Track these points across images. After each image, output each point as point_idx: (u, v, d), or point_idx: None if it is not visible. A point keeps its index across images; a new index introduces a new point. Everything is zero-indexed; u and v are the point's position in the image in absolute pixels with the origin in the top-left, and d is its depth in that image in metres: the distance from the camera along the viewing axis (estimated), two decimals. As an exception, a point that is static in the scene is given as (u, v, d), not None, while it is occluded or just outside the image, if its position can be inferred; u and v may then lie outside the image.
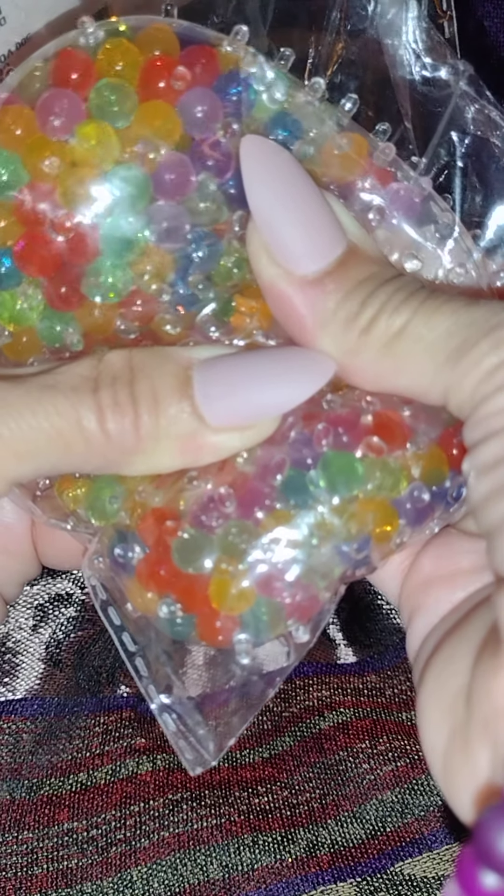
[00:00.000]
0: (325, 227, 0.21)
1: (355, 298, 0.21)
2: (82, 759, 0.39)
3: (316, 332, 0.21)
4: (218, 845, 0.37)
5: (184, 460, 0.22)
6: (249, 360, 0.22)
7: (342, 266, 0.21)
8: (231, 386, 0.21)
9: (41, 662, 0.40)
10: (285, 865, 0.36)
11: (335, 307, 0.21)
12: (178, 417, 0.21)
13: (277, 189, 0.21)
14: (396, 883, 0.36)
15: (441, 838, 0.38)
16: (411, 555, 0.25)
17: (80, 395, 0.20)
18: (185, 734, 0.24)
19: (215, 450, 0.22)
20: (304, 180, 0.22)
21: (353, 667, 0.43)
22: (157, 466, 0.22)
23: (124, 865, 0.36)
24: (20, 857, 0.36)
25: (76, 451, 0.21)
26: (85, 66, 0.21)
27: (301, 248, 0.21)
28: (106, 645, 0.41)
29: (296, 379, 0.21)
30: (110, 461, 0.21)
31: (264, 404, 0.21)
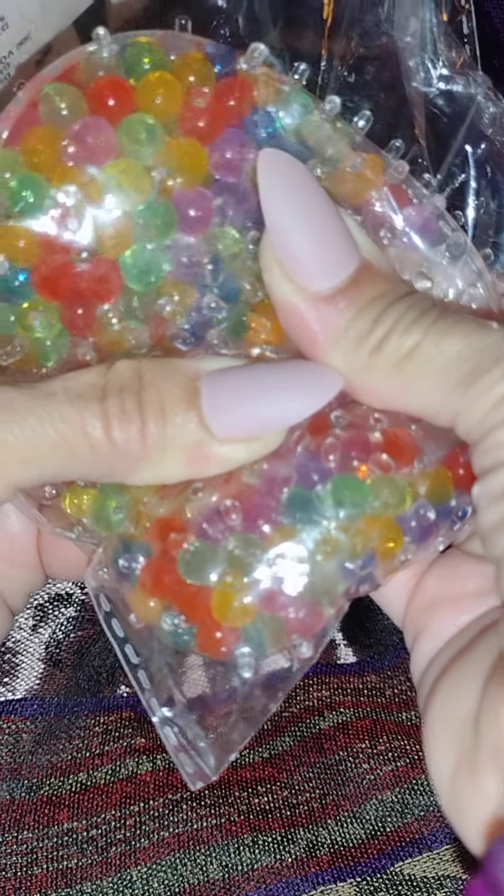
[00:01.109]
0: (340, 244, 0.21)
1: (367, 316, 0.21)
2: (82, 759, 0.39)
3: (327, 349, 0.21)
4: (218, 845, 0.37)
5: (189, 471, 0.22)
6: (257, 372, 0.22)
7: (355, 283, 0.21)
8: (238, 397, 0.21)
9: (41, 662, 0.40)
10: (285, 865, 0.36)
11: (347, 324, 0.21)
12: (184, 427, 0.21)
13: (293, 204, 0.21)
14: (396, 883, 0.37)
15: (441, 838, 0.38)
16: (416, 575, 0.25)
17: (87, 403, 0.20)
18: (185, 748, 0.24)
19: (221, 461, 0.22)
20: (319, 196, 0.22)
21: (353, 667, 0.43)
22: (162, 476, 0.22)
23: (124, 865, 0.36)
24: (20, 856, 0.36)
25: (81, 459, 0.21)
26: (124, 95, 0.22)
27: (315, 265, 0.21)
28: (106, 645, 0.41)
29: (304, 392, 0.21)
30: (115, 469, 0.21)
31: (271, 417, 0.21)
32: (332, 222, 0.21)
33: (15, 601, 0.27)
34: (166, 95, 0.22)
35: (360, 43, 0.25)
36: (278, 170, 0.21)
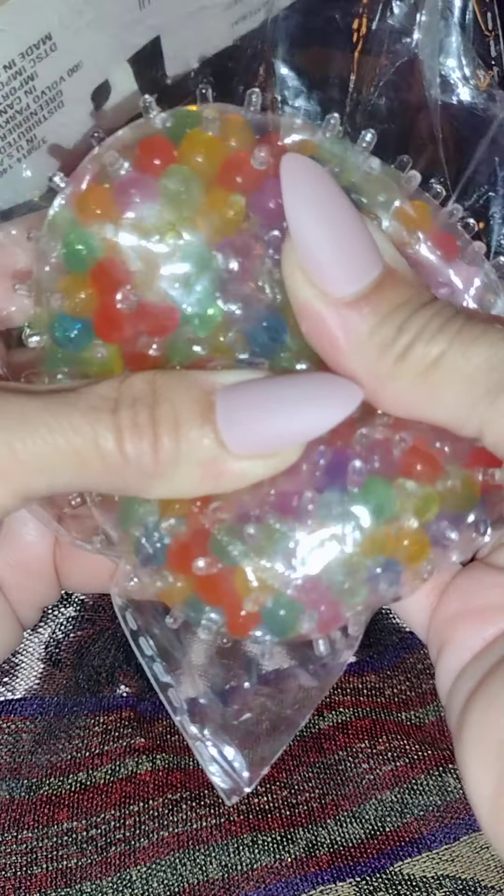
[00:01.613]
0: (363, 249, 0.21)
1: (392, 323, 0.21)
2: (82, 759, 0.39)
3: (349, 356, 0.21)
4: (217, 845, 0.37)
5: (204, 487, 0.21)
6: (274, 385, 0.21)
7: (378, 289, 0.21)
8: (254, 412, 0.21)
9: (40, 662, 0.40)
10: (285, 865, 0.36)
11: (370, 331, 0.21)
12: (199, 443, 0.20)
13: (317, 209, 0.21)
14: (396, 883, 0.37)
15: (440, 838, 0.38)
16: (439, 587, 0.25)
17: (99, 414, 0.20)
18: (219, 763, 0.25)
19: (237, 477, 0.21)
20: (342, 200, 0.21)
21: (353, 667, 0.43)
22: (176, 491, 0.21)
23: (124, 865, 0.36)
24: (20, 856, 0.36)
25: (92, 471, 0.20)
26: (167, 153, 0.22)
27: (338, 270, 0.21)
28: (105, 644, 0.41)
29: (322, 406, 0.21)
30: (129, 483, 0.21)
31: (288, 432, 0.21)
32: (356, 227, 0.21)
33: (27, 614, 0.26)
34: (207, 153, 0.22)
35: (388, 64, 0.25)
36: (301, 174, 0.21)
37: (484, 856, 0.38)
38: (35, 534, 0.26)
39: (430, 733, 0.41)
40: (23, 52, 0.25)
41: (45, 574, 0.26)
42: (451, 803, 0.39)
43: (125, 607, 0.24)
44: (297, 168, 0.21)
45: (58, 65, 0.27)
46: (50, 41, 0.26)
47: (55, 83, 0.27)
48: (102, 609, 0.41)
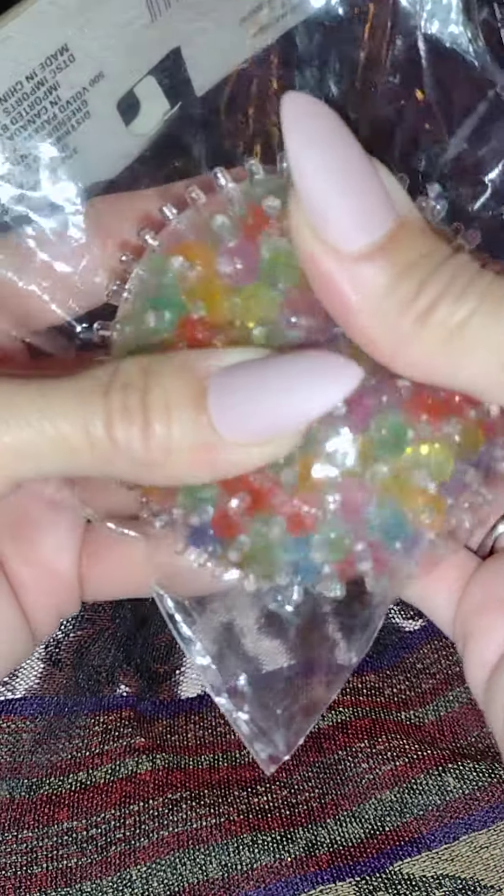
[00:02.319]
0: (375, 198, 0.19)
1: (412, 278, 0.19)
2: (82, 759, 0.39)
3: (363, 316, 0.19)
4: (217, 844, 0.37)
5: (198, 474, 0.20)
6: (268, 367, 0.20)
7: (393, 241, 0.19)
8: (247, 396, 0.19)
9: (40, 662, 0.40)
10: (284, 865, 0.37)
11: (388, 286, 0.19)
12: (190, 429, 0.19)
13: (323, 154, 0.19)
14: (395, 882, 0.37)
15: (440, 838, 0.38)
16: (462, 580, 0.24)
17: (90, 399, 0.19)
18: (257, 734, 0.25)
19: (231, 465, 0.20)
20: (351, 144, 0.19)
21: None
22: (169, 478, 0.20)
23: (124, 864, 0.36)
24: (20, 856, 0.36)
25: (82, 457, 0.20)
26: (265, 223, 0.22)
27: (348, 220, 0.19)
28: (105, 644, 0.41)
29: (317, 388, 0.19)
30: (119, 470, 0.20)
31: (282, 417, 0.19)
32: (366, 174, 0.19)
33: (43, 621, 0.26)
34: None
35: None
36: (304, 117, 0.19)
37: (483, 855, 0.38)
38: (62, 535, 0.25)
39: (429, 733, 0.41)
40: (42, 63, 0.25)
41: (68, 579, 0.26)
42: (451, 803, 0.39)
43: (163, 593, 0.24)
44: (299, 108, 0.19)
45: (78, 75, 0.27)
46: (67, 52, 0.26)
47: (79, 94, 0.27)
48: (102, 609, 0.41)
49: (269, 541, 0.22)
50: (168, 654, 0.42)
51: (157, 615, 0.43)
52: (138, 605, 0.42)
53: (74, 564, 0.26)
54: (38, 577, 0.26)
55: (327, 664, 0.26)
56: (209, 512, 0.22)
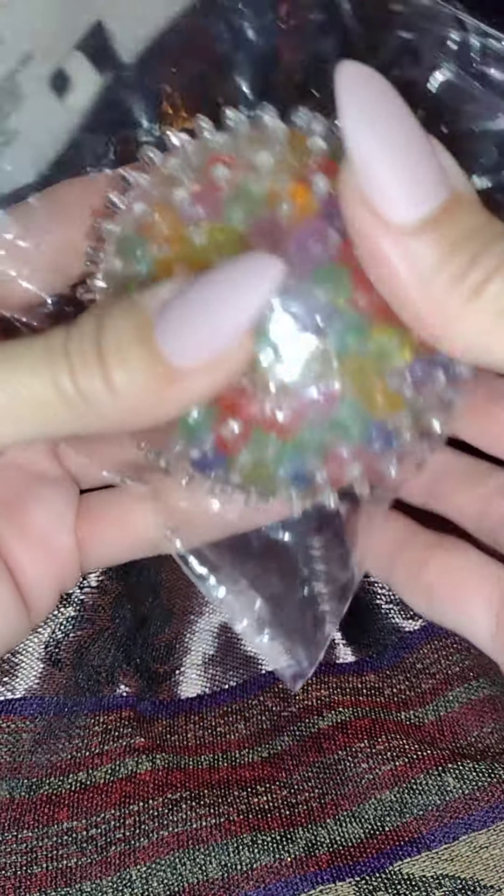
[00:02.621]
0: (429, 171, 0.19)
1: (464, 253, 0.18)
2: (81, 759, 0.39)
3: (412, 290, 0.19)
4: (217, 845, 0.37)
5: (164, 409, 0.20)
6: (197, 284, 0.20)
7: (446, 213, 0.19)
8: (186, 318, 0.19)
9: (40, 662, 0.40)
10: (284, 865, 0.37)
11: (439, 260, 0.18)
12: (145, 365, 0.19)
13: (377, 123, 0.19)
14: (395, 882, 0.37)
15: (440, 838, 0.38)
16: (499, 603, 0.25)
17: (54, 357, 0.19)
18: (281, 655, 0.27)
19: (191, 393, 0.20)
20: (407, 116, 0.19)
21: (352, 666, 0.43)
22: (138, 418, 0.20)
23: (123, 864, 0.36)
24: (19, 856, 0.36)
25: (58, 415, 0.20)
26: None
27: (401, 191, 0.18)
28: (105, 644, 0.41)
29: (244, 288, 0.19)
30: (97, 421, 0.20)
31: (221, 326, 0.19)
32: (421, 146, 0.19)
33: (43, 596, 0.26)
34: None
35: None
36: (359, 84, 0.19)
37: (483, 855, 0.38)
38: (56, 507, 0.26)
39: (429, 733, 0.41)
40: None
41: (66, 550, 0.26)
42: (451, 803, 0.39)
43: (173, 533, 0.25)
44: (354, 77, 0.19)
45: (8, 58, 0.27)
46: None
47: (10, 76, 0.28)
48: (102, 609, 0.41)
49: (266, 454, 0.23)
50: (168, 654, 0.42)
51: (157, 615, 0.43)
52: (138, 604, 0.42)
53: (71, 535, 0.26)
54: (35, 552, 0.26)
55: (333, 578, 0.28)
56: (208, 439, 0.23)
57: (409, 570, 0.28)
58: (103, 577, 0.42)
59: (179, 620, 0.43)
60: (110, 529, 0.27)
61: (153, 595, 0.43)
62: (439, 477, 0.28)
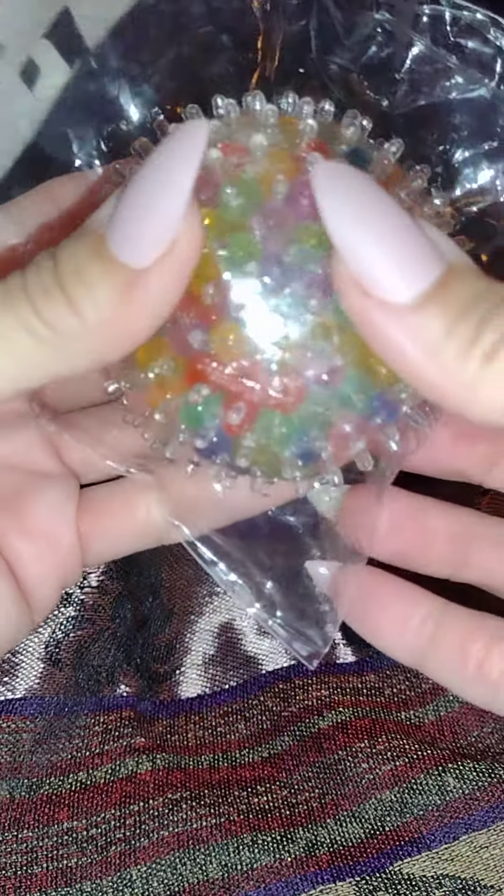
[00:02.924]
0: (419, 249, 0.19)
1: (469, 320, 0.18)
2: (82, 759, 0.39)
3: (422, 363, 0.19)
4: (217, 845, 0.37)
5: (137, 319, 0.20)
6: (133, 182, 0.20)
7: (444, 286, 0.19)
8: (133, 217, 0.19)
9: (41, 662, 0.40)
10: (284, 865, 0.37)
11: (445, 332, 0.18)
12: (105, 277, 0.19)
13: (358, 216, 0.19)
14: (395, 882, 0.37)
15: (440, 838, 0.38)
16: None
17: (14, 300, 0.19)
18: (294, 636, 0.27)
19: (162, 292, 0.20)
20: (386, 202, 0.19)
21: (352, 666, 0.43)
22: (119, 339, 0.20)
23: (124, 864, 0.36)
24: (20, 855, 0.36)
25: (34, 355, 0.20)
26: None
27: (394, 274, 0.19)
28: (105, 644, 0.41)
29: (173, 158, 0.19)
30: (75, 354, 0.20)
31: (164, 207, 0.19)
32: (406, 227, 0.19)
33: (45, 594, 0.26)
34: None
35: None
36: (335, 183, 0.19)
37: (483, 855, 0.38)
38: (56, 503, 0.26)
39: (429, 733, 0.41)
40: None
41: (67, 545, 0.26)
42: (451, 803, 0.39)
43: (177, 525, 0.26)
44: (330, 177, 0.19)
45: None
46: None
47: None
48: (102, 609, 0.41)
49: (271, 433, 0.23)
50: (168, 653, 0.42)
51: (157, 615, 0.43)
52: (138, 604, 0.42)
53: (72, 530, 0.26)
54: (36, 548, 0.26)
55: (342, 553, 0.28)
56: (214, 424, 0.23)
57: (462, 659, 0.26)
58: (104, 577, 0.42)
59: (180, 620, 0.43)
60: (112, 522, 0.27)
61: (153, 595, 0.43)
62: (467, 542, 0.27)
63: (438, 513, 0.27)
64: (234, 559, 0.27)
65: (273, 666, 0.43)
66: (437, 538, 0.27)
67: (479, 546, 0.27)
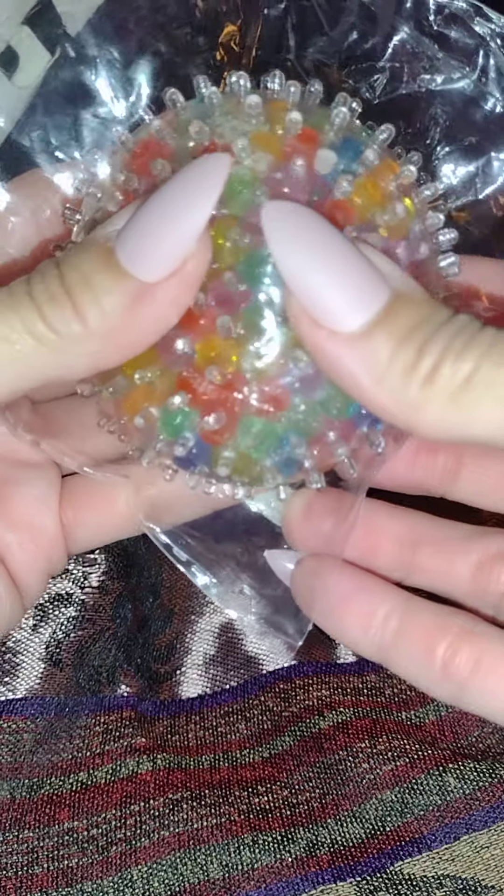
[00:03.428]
0: (363, 278, 0.20)
1: (410, 346, 0.20)
2: (82, 759, 0.39)
3: (371, 388, 0.20)
4: (218, 845, 0.37)
5: (142, 329, 0.21)
6: (151, 201, 0.21)
7: (390, 314, 0.20)
8: (146, 233, 0.20)
9: (41, 662, 0.40)
10: (285, 865, 0.37)
11: (389, 358, 0.20)
12: (113, 288, 0.20)
13: (306, 250, 0.20)
14: (396, 882, 0.37)
15: (440, 838, 0.38)
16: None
17: (19, 304, 0.20)
18: (270, 630, 0.27)
19: (167, 301, 0.21)
20: (332, 235, 0.20)
21: (353, 666, 0.43)
22: (122, 347, 0.21)
23: (124, 865, 0.36)
24: (20, 856, 0.36)
25: (35, 358, 0.20)
26: None
27: (341, 304, 0.20)
28: (106, 644, 0.41)
29: (195, 189, 0.20)
30: (77, 359, 0.21)
31: (181, 228, 0.20)
32: (351, 259, 0.20)
33: (32, 583, 0.27)
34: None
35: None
36: (283, 219, 0.20)
37: (484, 855, 0.38)
38: (40, 492, 0.26)
39: (430, 733, 0.41)
40: None
41: (52, 534, 0.26)
42: (451, 803, 0.39)
43: (151, 528, 0.26)
44: (277, 214, 0.21)
45: None
46: None
47: None
48: (103, 609, 0.41)
49: (252, 442, 0.23)
50: (169, 654, 0.42)
51: (157, 615, 0.43)
52: (139, 605, 0.42)
53: (55, 518, 0.27)
54: (21, 536, 0.26)
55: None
56: (193, 434, 0.23)
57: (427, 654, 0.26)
58: (104, 577, 0.42)
59: (180, 620, 0.43)
60: (95, 512, 0.27)
61: (154, 595, 0.43)
62: (415, 546, 0.27)
63: (386, 515, 0.27)
64: (208, 559, 0.27)
65: (274, 666, 0.43)
66: (386, 541, 0.27)
67: (427, 550, 0.27)
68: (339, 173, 0.22)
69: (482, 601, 0.26)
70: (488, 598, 0.26)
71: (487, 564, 0.26)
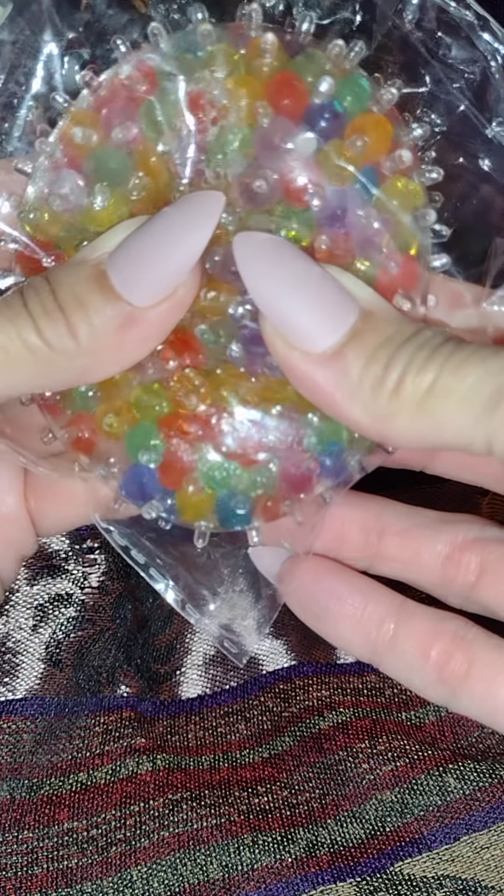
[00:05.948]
0: (333, 301, 0.22)
1: (378, 363, 0.21)
2: (82, 759, 0.39)
3: (346, 406, 0.21)
4: (218, 845, 0.37)
5: (132, 351, 0.22)
6: (146, 227, 0.22)
7: (358, 334, 0.21)
8: (139, 257, 0.21)
9: (41, 662, 0.40)
10: (285, 865, 0.37)
11: (360, 374, 0.21)
12: (105, 309, 0.21)
13: (276, 277, 0.22)
14: (396, 883, 0.37)
15: (440, 838, 0.38)
16: None
17: (14, 310, 0.21)
18: (225, 635, 0.28)
19: (157, 327, 0.22)
20: (301, 261, 0.22)
21: (353, 667, 0.43)
22: (109, 365, 0.22)
23: (124, 865, 0.36)
24: (20, 856, 0.36)
25: (26, 367, 0.21)
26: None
27: (312, 327, 0.21)
28: (106, 645, 0.41)
29: (190, 222, 0.22)
30: (65, 372, 0.22)
31: (175, 257, 0.21)
32: (320, 283, 0.22)
33: (6, 567, 0.27)
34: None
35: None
36: (254, 249, 0.22)
37: (484, 856, 0.38)
38: (3, 479, 0.27)
39: (430, 733, 0.41)
40: None
41: (18, 520, 0.27)
42: (451, 803, 0.39)
43: (109, 526, 0.26)
44: (248, 244, 0.22)
45: None
46: None
47: None
48: (103, 609, 0.41)
49: (216, 487, 0.24)
50: (168, 654, 0.42)
51: (157, 615, 0.43)
52: (139, 605, 0.42)
53: (21, 505, 0.27)
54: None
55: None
56: (152, 466, 0.24)
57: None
58: (104, 578, 0.42)
59: (180, 621, 0.43)
60: (59, 503, 0.28)
61: (154, 595, 0.43)
62: (379, 533, 0.27)
63: (350, 503, 0.28)
64: (165, 562, 0.27)
65: (273, 666, 0.43)
66: (351, 529, 0.27)
67: (392, 540, 0.27)
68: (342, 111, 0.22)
69: (449, 591, 0.27)
70: (455, 589, 0.27)
71: (456, 554, 0.26)
